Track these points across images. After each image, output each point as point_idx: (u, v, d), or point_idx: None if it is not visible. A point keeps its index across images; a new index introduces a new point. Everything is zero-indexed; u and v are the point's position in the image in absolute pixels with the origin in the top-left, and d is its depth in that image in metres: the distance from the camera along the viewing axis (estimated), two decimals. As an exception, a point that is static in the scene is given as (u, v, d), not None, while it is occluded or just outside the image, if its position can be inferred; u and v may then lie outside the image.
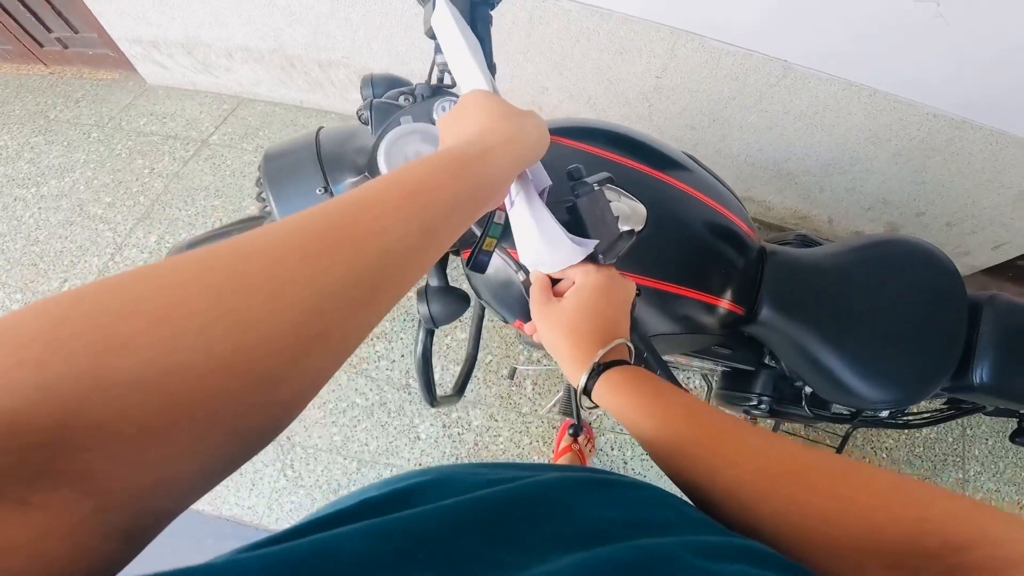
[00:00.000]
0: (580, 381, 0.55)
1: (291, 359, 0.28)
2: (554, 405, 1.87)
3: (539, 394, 1.91)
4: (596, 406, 0.55)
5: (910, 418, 1.25)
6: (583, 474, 0.43)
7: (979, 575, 0.30)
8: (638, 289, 0.80)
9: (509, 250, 0.69)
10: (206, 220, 2.22)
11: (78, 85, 2.70)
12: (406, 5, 1.86)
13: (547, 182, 0.63)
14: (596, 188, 0.62)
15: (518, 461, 0.59)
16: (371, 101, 0.78)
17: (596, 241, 0.61)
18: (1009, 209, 1.74)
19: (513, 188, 0.60)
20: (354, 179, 0.81)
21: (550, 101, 1.98)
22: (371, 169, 0.71)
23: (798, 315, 0.98)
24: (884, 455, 1.90)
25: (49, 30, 2.54)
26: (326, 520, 0.33)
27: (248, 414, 0.26)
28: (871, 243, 1.03)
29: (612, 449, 1.85)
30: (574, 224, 0.62)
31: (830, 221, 2.07)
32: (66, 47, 2.64)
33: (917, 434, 1.94)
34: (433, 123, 0.73)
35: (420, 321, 0.79)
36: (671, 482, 0.47)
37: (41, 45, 2.64)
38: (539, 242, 0.60)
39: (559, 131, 0.91)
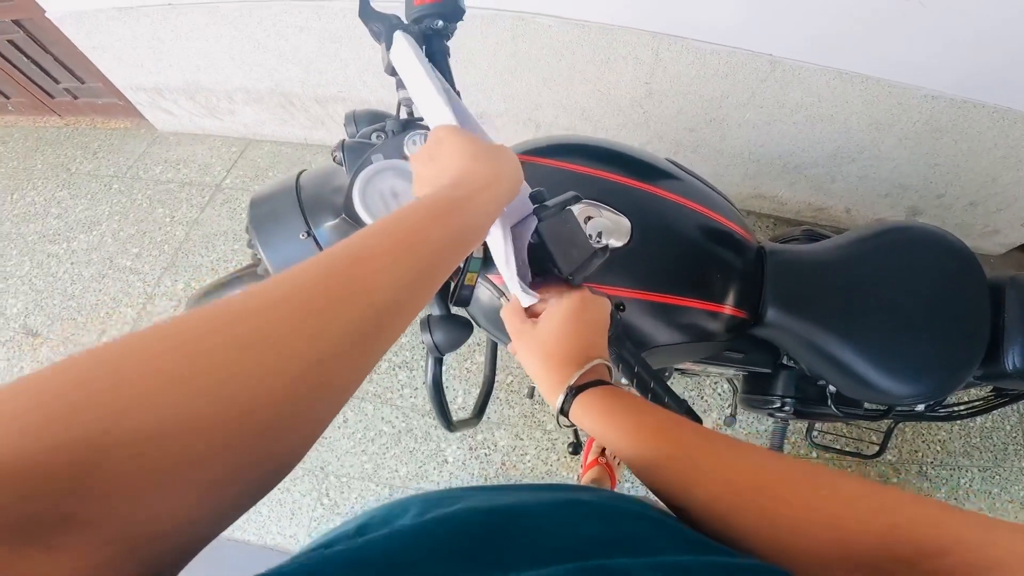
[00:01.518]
0: (556, 404, 0.56)
1: (295, 409, 0.29)
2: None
3: (561, 411, 1.91)
4: (573, 426, 0.56)
5: (953, 409, 1.20)
6: (564, 494, 0.46)
7: None
8: (623, 305, 0.80)
9: (492, 276, 0.69)
10: (228, 265, 2.29)
11: (93, 135, 2.78)
12: (391, 37, 1.85)
13: (528, 209, 0.63)
14: (562, 209, 0.62)
15: (509, 483, 0.61)
16: (343, 142, 0.79)
17: (539, 297, 0.62)
18: (1033, 184, 1.65)
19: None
20: (333, 221, 0.82)
21: (545, 117, 1.96)
22: (347, 210, 0.72)
23: (806, 313, 0.96)
24: (938, 448, 1.85)
25: (56, 81, 2.61)
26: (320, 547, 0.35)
27: (258, 460, 0.28)
28: (875, 233, 1.00)
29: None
30: (539, 248, 0.62)
31: (848, 211, 2.01)
32: (76, 97, 2.71)
33: (972, 424, 1.87)
34: (405, 158, 0.73)
35: (427, 350, 0.81)
36: None
37: (52, 96, 2.72)
38: (506, 276, 0.61)
39: (537, 151, 0.91)
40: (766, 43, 1.48)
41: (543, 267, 0.63)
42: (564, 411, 0.55)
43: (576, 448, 1.75)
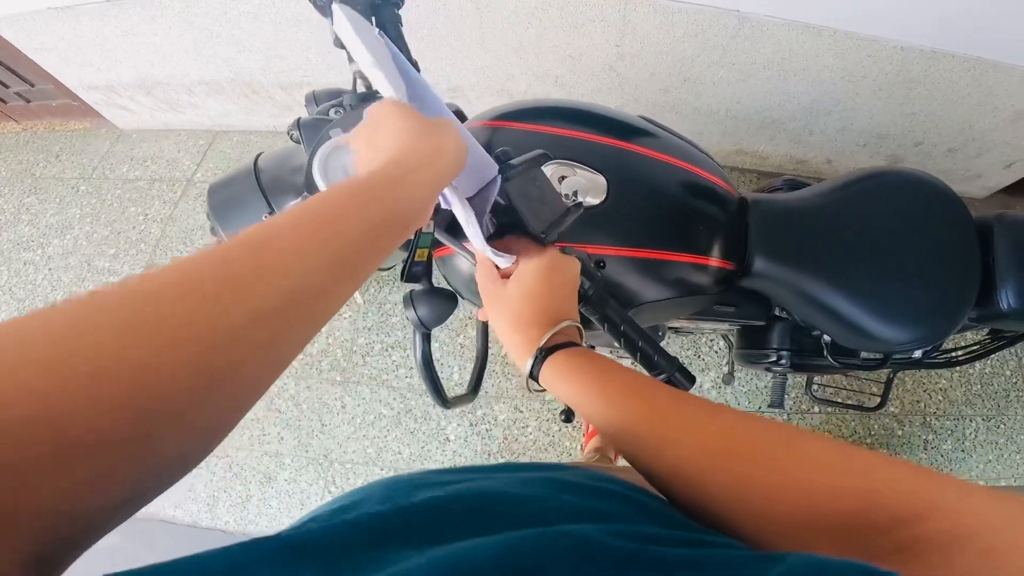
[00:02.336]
0: (525, 367, 0.55)
1: (195, 398, 0.28)
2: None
3: (561, 380, 1.93)
4: (544, 390, 0.55)
5: (951, 355, 1.20)
6: (540, 473, 0.45)
7: (928, 548, 0.30)
8: (603, 263, 0.80)
9: (464, 243, 0.68)
10: (208, 260, 2.24)
11: (53, 139, 2.68)
12: (350, 18, 1.78)
13: (493, 172, 0.62)
14: (529, 168, 0.62)
15: (490, 464, 0.62)
16: (298, 119, 0.77)
17: (514, 257, 0.61)
18: (1010, 129, 1.66)
19: (448, 192, 0.59)
20: (295, 200, 0.80)
21: (518, 87, 1.91)
22: (309, 188, 0.71)
23: (794, 261, 0.95)
24: (940, 397, 1.86)
25: (6, 86, 2.50)
26: None
27: (153, 451, 0.27)
28: (857, 178, 0.99)
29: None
30: (508, 208, 0.61)
31: (829, 162, 2.01)
32: (29, 101, 2.60)
33: (971, 371, 1.87)
34: None
35: (413, 326, 0.81)
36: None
37: (4, 101, 2.61)
38: (475, 242, 0.61)
39: (507, 115, 0.89)
40: None
41: (514, 228, 0.62)
42: (533, 375, 0.55)
43: (568, 415, 1.77)
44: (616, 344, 0.65)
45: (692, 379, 0.61)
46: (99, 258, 2.32)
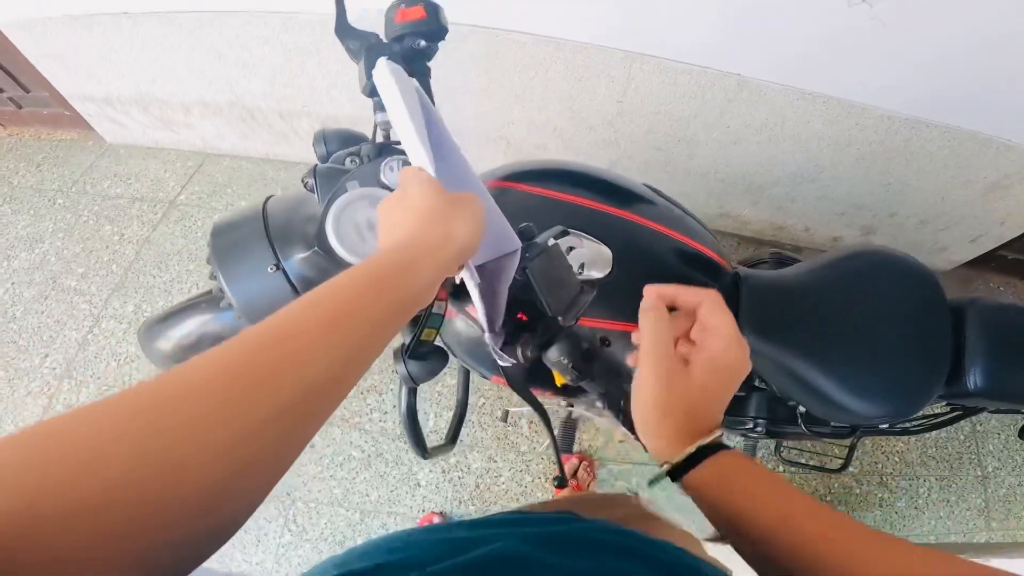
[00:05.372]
0: (676, 457, 0.51)
1: (217, 492, 0.29)
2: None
3: (536, 432, 1.92)
4: (686, 494, 0.51)
5: (911, 425, 1.23)
6: (545, 529, 0.45)
7: None
8: (608, 340, 0.78)
9: (468, 308, 0.67)
10: (182, 286, 2.19)
11: (38, 147, 2.64)
12: (360, 53, 1.83)
13: (516, 245, 0.60)
14: (551, 244, 0.61)
15: (488, 516, 0.59)
16: (315, 167, 0.75)
17: (513, 362, 0.60)
18: (980, 202, 1.75)
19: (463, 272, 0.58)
20: (304, 253, 0.77)
21: (517, 133, 1.96)
22: (320, 242, 0.68)
23: (779, 337, 0.97)
24: (896, 459, 1.92)
25: (0, 90, 2.48)
26: None
27: (181, 541, 0.28)
28: (843, 257, 1.03)
29: (616, 481, 1.86)
30: (527, 287, 0.59)
31: (807, 229, 2.08)
32: (20, 107, 2.57)
33: (927, 436, 1.93)
34: (383, 186, 0.70)
35: (401, 380, 0.77)
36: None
37: (-6, 106, 2.57)
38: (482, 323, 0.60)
39: (516, 176, 0.89)
40: (735, 63, 1.53)
41: (532, 307, 0.61)
42: (677, 474, 0.51)
43: (562, 482, 1.73)
44: (614, 419, 0.64)
45: None
46: (67, 276, 2.25)
